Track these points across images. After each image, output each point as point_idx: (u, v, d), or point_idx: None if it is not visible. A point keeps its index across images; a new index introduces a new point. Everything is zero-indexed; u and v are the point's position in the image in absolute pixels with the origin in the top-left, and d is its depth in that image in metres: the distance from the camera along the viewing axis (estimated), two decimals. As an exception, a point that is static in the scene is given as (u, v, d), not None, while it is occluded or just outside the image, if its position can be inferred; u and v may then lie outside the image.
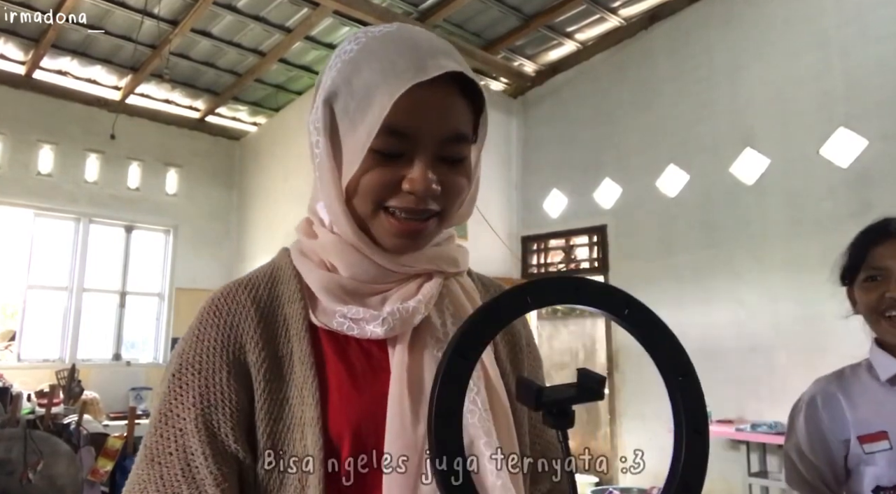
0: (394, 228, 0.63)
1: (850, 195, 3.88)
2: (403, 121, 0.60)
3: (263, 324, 0.65)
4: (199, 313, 0.67)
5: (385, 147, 0.60)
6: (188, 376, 0.62)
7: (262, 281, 0.69)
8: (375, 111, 0.59)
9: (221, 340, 0.64)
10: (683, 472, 0.54)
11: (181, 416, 0.61)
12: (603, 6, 4.97)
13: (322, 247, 0.68)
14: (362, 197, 0.63)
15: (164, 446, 0.60)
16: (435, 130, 0.61)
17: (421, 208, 0.63)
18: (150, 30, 4.69)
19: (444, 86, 0.61)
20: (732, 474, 3.92)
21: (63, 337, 5.46)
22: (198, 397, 0.61)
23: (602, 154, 5.22)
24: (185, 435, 0.60)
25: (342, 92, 0.63)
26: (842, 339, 3.77)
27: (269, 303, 0.67)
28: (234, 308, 0.65)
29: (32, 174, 5.36)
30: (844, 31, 4.05)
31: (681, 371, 0.56)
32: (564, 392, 0.56)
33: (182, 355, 0.64)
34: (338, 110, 0.64)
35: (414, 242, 0.66)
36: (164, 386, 0.64)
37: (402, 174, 0.61)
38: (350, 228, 0.64)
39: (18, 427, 3.47)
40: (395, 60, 0.60)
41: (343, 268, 0.66)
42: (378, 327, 0.63)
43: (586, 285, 0.57)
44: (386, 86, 0.59)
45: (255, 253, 6.07)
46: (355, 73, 0.62)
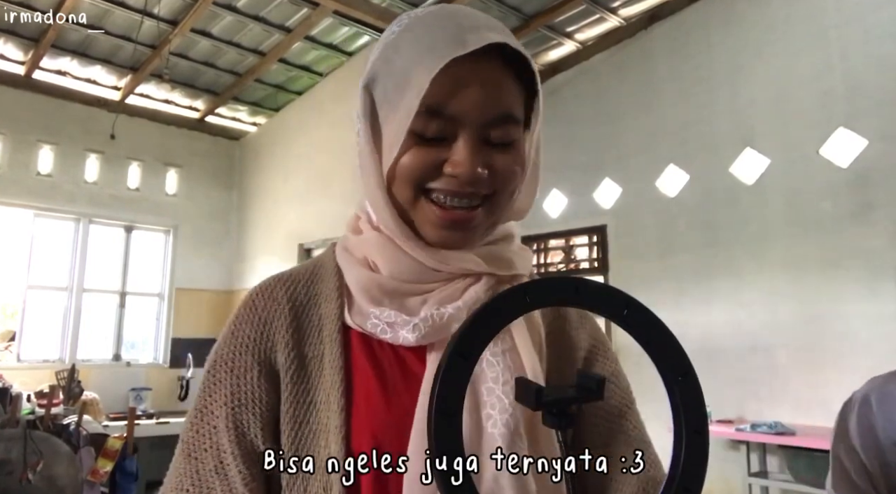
0: (436, 217, 0.59)
1: (850, 195, 3.88)
2: (444, 101, 0.56)
3: (296, 324, 0.63)
4: (238, 308, 0.66)
5: (425, 129, 0.57)
6: (221, 373, 0.62)
7: (302, 278, 0.67)
8: (413, 90, 0.55)
9: (254, 338, 0.62)
10: (683, 472, 0.54)
11: (214, 414, 0.60)
12: (603, 6, 4.97)
13: (365, 243, 0.64)
14: (401, 181, 0.59)
15: (200, 442, 0.60)
16: (479, 110, 0.57)
17: (466, 191, 0.58)
18: (149, 30, 4.69)
19: (490, 62, 0.57)
20: (732, 474, 3.92)
21: (63, 337, 5.46)
22: (229, 395, 0.61)
23: (602, 154, 5.22)
24: (217, 433, 0.59)
25: (381, 75, 0.60)
26: (842, 339, 3.78)
27: (306, 302, 0.65)
28: (270, 304, 0.64)
29: (32, 174, 5.36)
30: (844, 31, 4.05)
31: (680, 371, 0.56)
32: (564, 392, 0.56)
33: (217, 351, 0.64)
34: (377, 95, 0.61)
35: (460, 235, 0.61)
36: (202, 381, 0.64)
37: (444, 157, 0.57)
38: (391, 217, 0.60)
39: (18, 428, 3.47)
40: (435, 36, 0.57)
41: (383, 266, 0.62)
42: (410, 333, 0.60)
43: (586, 285, 0.57)
44: (424, 63, 0.55)
45: (255, 253, 6.06)
46: (395, 55, 0.59)
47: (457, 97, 0.56)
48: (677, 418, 0.55)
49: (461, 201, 0.59)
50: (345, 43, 5.21)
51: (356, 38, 5.15)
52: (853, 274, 3.80)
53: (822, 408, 3.82)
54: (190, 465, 0.59)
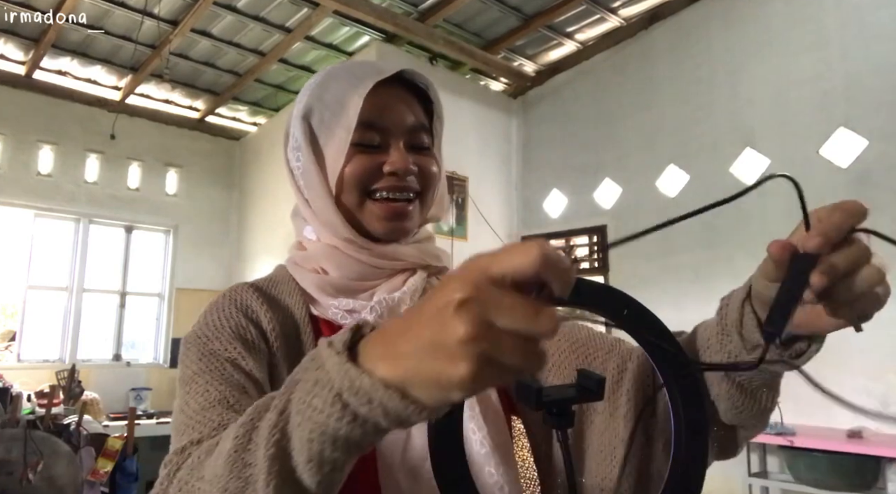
0: (381, 211, 0.71)
1: (850, 195, 3.85)
2: (375, 115, 0.70)
3: (271, 310, 0.70)
4: (209, 306, 0.71)
5: (363, 139, 0.70)
6: (220, 325, 0.67)
7: (263, 283, 0.75)
8: (350, 111, 0.69)
9: (241, 310, 0.69)
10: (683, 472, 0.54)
11: (225, 349, 0.64)
12: (603, 6, 4.97)
13: (313, 255, 0.75)
14: (349, 188, 0.71)
15: (216, 365, 0.62)
16: (402, 121, 0.71)
17: (403, 186, 0.71)
18: (150, 30, 4.69)
19: (402, 89, 0.73)
20: (732, 474, 3.92)
21: (63, 337, 5.46)
22: (235, 337, 0.65)
23: (602, 154, 5.22)
24: (235, 360, 0.63)
25: (316, 107, 0.73)
26: (842, 339, 3.77)
27: (273, 296, 0.73)
28: (244, 296, 0.71)
29: (32, 174, 5.35)
30: (844, 31, 4.05)
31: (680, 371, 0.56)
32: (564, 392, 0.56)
33: (206, 321, 0.68)
34: (315, 124, 0.73)
35: (401, 224, 0.72)
36: (191, 342, 0.67)
37: (382, 160, 0.70)
38: (340, 222, 0.71)
39: (18, 428, 3.47)
40: (357, 72, 0.72)
41: (332, 269, 0.72)
42: (368, 315, 0.69)
43: (586, 285, 0.57)
44: (354, 90, 0.69)
45: (255, 254, 6.06)
46: (325, 92, 0.73)
47: (384, 113, 0.71)
48: (677, 418, 0.55)
49: (401, 194, 0.71)
50: (345, 43, 5.21)
51: (356, 38, 5.15)
52: (853, 274, 3.80)
53: (822, 408, 3.82)
54: (211, 376, 0.61)
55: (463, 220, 5.16)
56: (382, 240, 0.73)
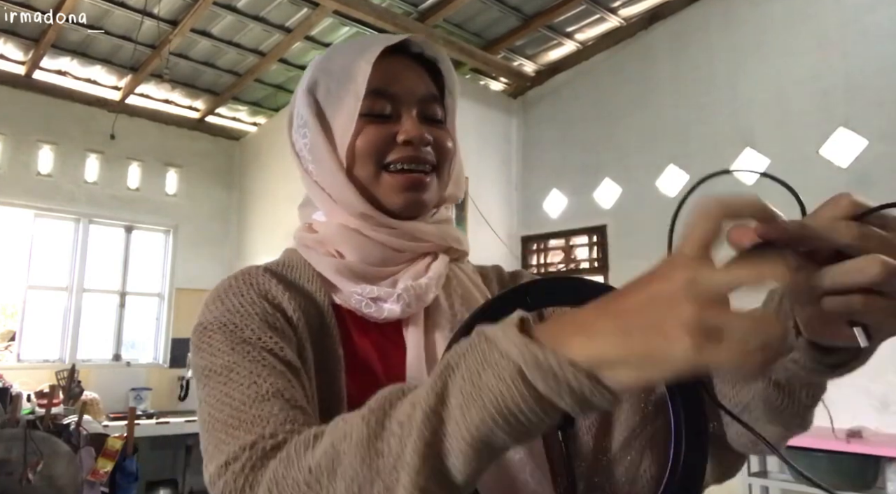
0: (398, 183, 0.67)
1: (850, 195, 3.88)
2: (385, 84, 0.67)
3: (291, 294, 0.64)
4: (222, 286, 0.64)
5: (373, 108, 0.66)
6: (245, 311, 0.60)
7: (277, 268, 0.69)
8: (358, 78, 0.65)
9: (263, 295, 0.63)
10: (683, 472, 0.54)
11: (256, 335, 0.58)
12: (603, 6, 4.97)
13: (326, 236, 0.69)
14: (362, 160, 0.67)
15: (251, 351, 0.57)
16: (414, 89, 0.69)
17: (419, 157, 0.67)
18: (150, 30, 4.69)
19: (411, 61, 0.70)
20: (732, 474, 3.92)
21: (63, 337, 5.46)
22: (264, 324, 0.59)
23: (602, 154, 5.22)
24: (268, 347, 0.57)
25: (321, 79, 0.70)
26: (842, 339, 3.77)
27: (291, 281, 0.67)
28: (262, 282, 0.64)
29: (32, 174, 5.35)
30: (844, 31, 4.05)
31: (680, 371, 0.56)
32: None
33: (224, 304, 0.62)
34: (321, 96, 0.70)
35: (419, 196, 0.68)
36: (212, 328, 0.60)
37: (395, 130, 0.66)
38: (354, 196, 0.66)
39: (18, 428, 3.47)
40: (363, 41, 0.70)
41: (350, 253, 0.67)
42: (395, 305, 0.64)
43: (586, 286, 0.57)
44: (362, 57, 0.66)
45: (255, 254, 6.06)
46: (331, 63, 0.70)
47: (394, 80, 0.67)
48: (677, 419, 0.55)
49: (418, 165, 0.67)
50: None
51: (356, 39, 5.16)
52: (853, 274, 3.80)
53: (822, 408, 3.82)
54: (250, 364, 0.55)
55: (463, 220, 5.16)
56: (401, 215, 0.68)
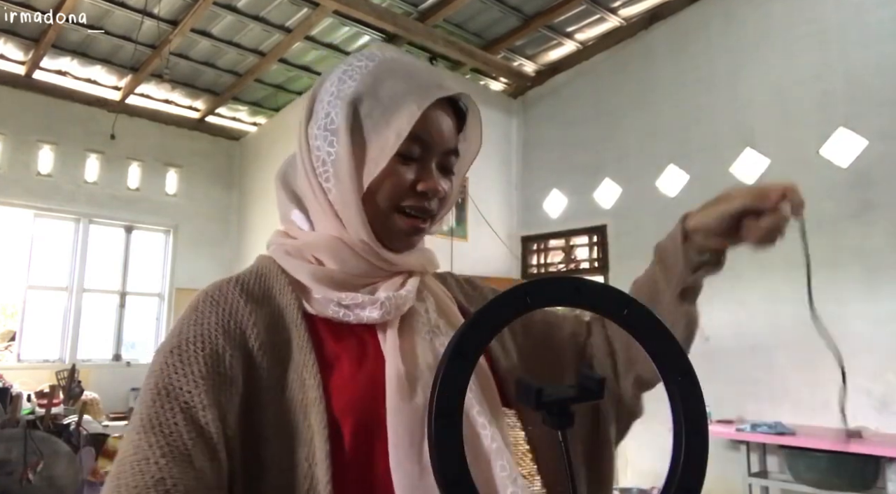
0: (404, 227, 0.70)
1: (850, 195, 3.88)
2: (422, 128, 0.68)
3: (258, 314, 0.66)
4: (192, 304, 0.66)
5: (407, 151, 0.68)
6: (191, 352, 0.61)
7: (249, 278, 0.70)
8: (404, 117, 0.67)
9: (222, 325, 0.64)
10: (683, 472, 0.54)
11: (185, 390, 0.59)
12: (603, 6, 4.97)
13: (308, 244, 0.72)
14: (381, 196, 0.69)
15: (168, 417, 0.57)
16: (443, 141, 0.71)
17: (428, 207, 0.71)
18: (150, 30, 4.69)
19: (445, 107, 0.71)
20: (732, 474, 3.92)
21: (63, 337, 5.46)
22: (204, 372, 0.60)
23: (602, 154, 5.22)
24: (192, 409, 0.58)
25: (367, 98, 0.69)
26: (842, 339, 3.77)
27: (262, 295, 0.68)
28: (230, 299, 0.66)
29: (32, 174, 5.36)
30: (844, 31, 4.05)
31: (680, 371, 0.56)
32: (564, 392, 0.56)
33: (181, 334, 0.63)
34: (362, 113, 0.69)
35: (415, 240, 0.74)
36: (159, 362, 0.62)
37: (416, 177, 0.69)
38: (362, 224, 0.69)
39: (18, 428, 3.47)
40: (415, 77, 0.70)
41: (334, 263, 0.70)
42: (375, 311, 0.67)
43: (586, 285, 0.57)
44: (413, 97, 0.67)
45: (255, 254, 5.98)
46: (378, 84, 0.70)
47: (431, 129, 0.69)
48: (677, 418, 0.55)
49: (423, 214, 0.71)
50: (345, 43, 5.21)
51: (356, 38, 5.15)
52: (853, 274, 3.80)
53: (822, 408, 3.82)
54: (157, 438, 0.56)
55: (463, 220, 5.16)
56: (391, 248, 0.72)
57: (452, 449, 0.51)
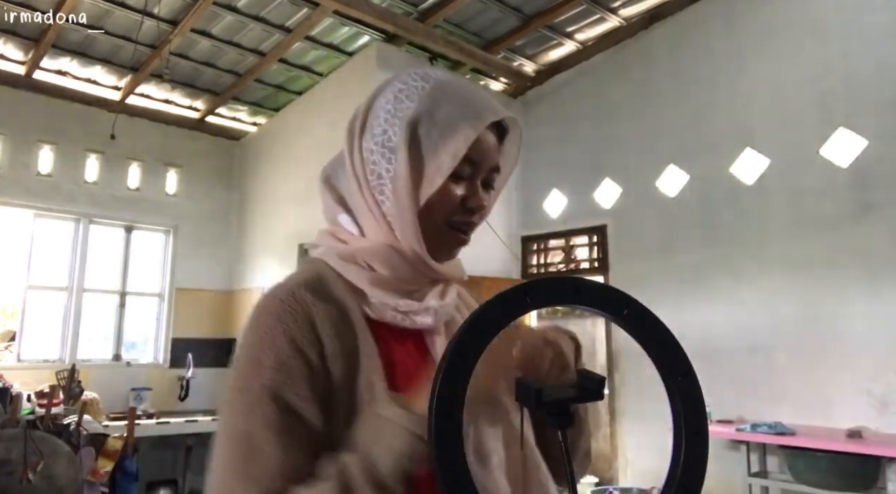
0: (452, 240, 0.77)
1: (850, 195, 3.88)
2: (474, 151, 0.73)
3: (328, 317, 0.71)
4: (268, 309, 0.70)
5: (460, 171, 0.73)
6: (290, 361, 0.67)
7: (312, 282, 0.74)
8: (460, 140, 0.72)
9: (304, 332, 0.69)
10: (683, 472, 0.54)
11: (293, 392, 0.66)
12: (603, 6, 4.97)
13: (361, 250, 0.76)
14: (438, 212, 0.75)
15: (286, 420, 0.65)
16: (489, 161, 0.77)
17: (473, 222, 0.77)
18: (150, 30, 4.69)
19: (490, 127, 0.76)
20: (732, 474, 3.92)
21: (63, 337, 5.46)
22: (306, 378, 0.67)
23: (602, 154, 5.22)
24: (301, 411, 0.66)
25: (425, 120, 0.74)
26: (842, 339, 3.78)
27: (327, 298, 0.73)
28: (304, 304, 0.71)
29: (32, 174, 5.36)
30: (844, 31, 4.05)
31: (680, 371, 0.57)
32: (564, 392, 0.57)
33: (274, 344, 0.68)
34: (421, 133, 0.74)
35: (457, 251, 0.81)
36: (266, 375, 0.67)
37: (466, 195, 0.75)
38: (417, 237, 0.74)
39: (18, 428, 3.47)
40: (470, 101, 0.75)
41: (385, 269, 0.75)
42: (428, 318, 0.75)
43: (586, 286, 0.57)
44: (468, 121, 0.73)
45: (255, 254, 6.07)
46: (436, 107, 0.74)
47: (481, 150, 0.75)
48: (677, 418, 0.55)
49: (469, 228, 0.78)
50: (345, 43, 5.21)
51: (356, 38, 5.15)
52: (853, 274, 3.80)
53: (822, 408, 3.82)
54: (279, 437, 0.64)
55: (463, 220, 5.16)
56: (437, 258, 0.77)
57: (453, 449, 0.51)
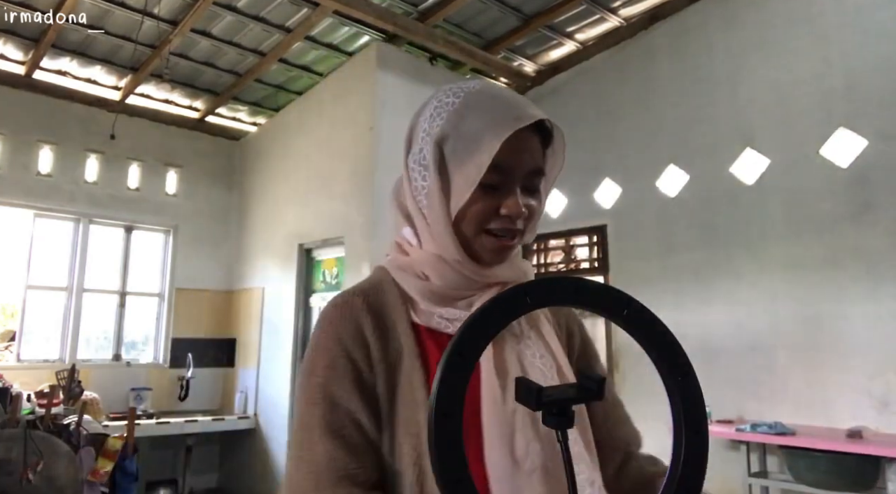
0: (493, 246, 0.80)
1: (850, 195, 3.88)
2: (502, 158, 0.75)
3: (378, 325, 0.79)
4: (328, 317, 0.80)
5: (488, 180, 0.76)
6: (340, 365, 0.76)
7: (370, 290, 0.83)
8: (484, 151, 0.74)
9: (352, 333, 0.78)
10: (683, 472, 0.54)
11: (345, 398, 0.75)
12: (603, 6, 4.97)
13: (417, 261, 0.83)
14: (470, 222, 0.78)
15: (344, 422, 0.73)
16: (524, 166, 0.78)
17: (513, 228, 0.79)
18: (150, 30, 4.69)
19: (528, 130, 0.77)
20: (732, 474, 3.92)
21: (63, 337, 5.45)
22: (355, 382, 0.75)
23: (602, 154, 5.22)
24: (354, 414, 0.74)
25: (451, 136, 0.78)
26: (842, 339, 3.78)
27: (380, 307, 0.81)
28: (355, 312, 0.79)
29: (32, 174, 5.35)
30: (844, 31, 4.05)
31: (680, 371, 0.57)
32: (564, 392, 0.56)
33: (329, 350, 0.77)
34: (447, 151, 0.78)
35: (504, 256, 0.82)
36: (318, 379, 0.76)
37: (499, 202, 0.77)
38: (455, 247, 0.79)
39: (18, 428, 3.47)
40: (496, 110, 0.77)
41: (436, 278, 0.81)
42: None
43: (586, 285, 0.57)
44: (492, 130, 0.74)
45: (255, 253, 6.06)
46: (461, 121, 0.78)
47: (511, 158, 0.76)
48: (677, 418, 0.55)
49: (510, 233, 0.80)
50: (345, 43, 5.21)
51: (356, 38, 5.15)
52: (853, 274, 3.80)
53: (822, 408, 3.82)
54: (336, 440, 0.72)
55: (463, 220, 5.16)
56: (484, 264, 0.82)
57: (453, 449, 0.51)
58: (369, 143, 4.78)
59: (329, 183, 5.18)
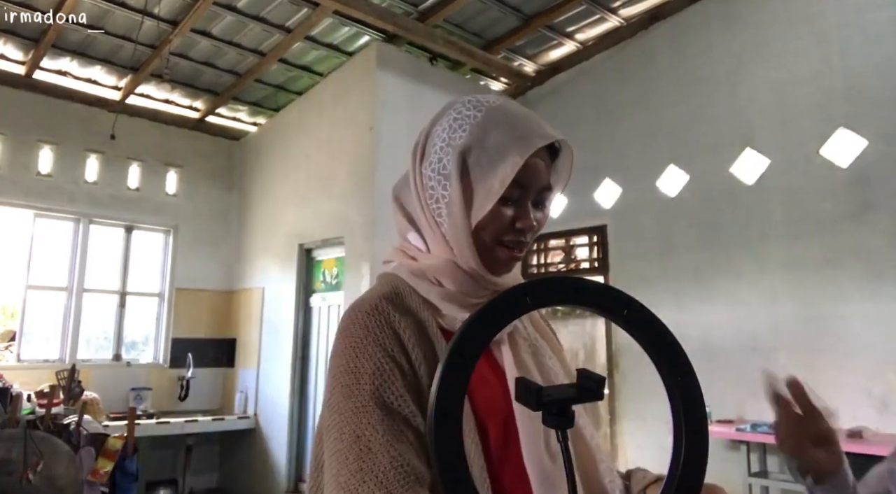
0: (504, 257, 0.83)
1: (850, 195, 3.88)
2: (522, 174, 0.78)
3: (412, 329, 0.79)
4: (353, 320, 0.79)
5: (508, 194, 0.79)
6: (387, 372, 0.75)
7: (394, 296, 0.83)
8: (508, 166, 0.77)
9: (394, 341, 0.77)
10: (683, 472, 0.54)
11: (398, 404, 0.74)
12: (603, 6, 4.97)
13: (429, 267, 0.84)
14: (486, 232, 0.81)
15: (399, 428, 0.72)
16: (538, 182, 0.82)
17: (524, 241, 0.83)
18: (150, 30, 4.69)
19: (543, 148, 0.81)
20: (732, 474, 3.92)
21: (63, 337, 5.45)
22: (406, 386, 0.75)
23: (602, 154, 5.22)
24: (407, 418, 0.73)
25: (475, 148, 0.80)
26: (842, 339, 3.78)
27: (407, 312, 0.81)
28: (389, 317, 0.79)
29: (32, 174, 5.35)
30: (844, 31, 4.05)
31: (680, 371, 0.57)
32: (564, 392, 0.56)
33: (372, 356, 0.76)
34: (471, 162, 0.80)
35: (511, 267, 0.86)
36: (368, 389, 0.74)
37: (514, 215, 0.81)
38: (472, 256, 0.81)
39: (18, 428, 3.47)
40: (518, 128, 0.80)
41: (451, 284, 0.83)
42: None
43: (585, 286, 0.57)
44: (516, 146, 0.78)
45: (255, 253, 6.06)
46: (485, 134, 0.80)
47: (530, 174, 0.80)
48: (677, 418, 0.55)
49: (520, 246, 0.83)
50: (345, 43, 5.21)
51: (356, 38, 5.15)
52: (853, 274, 3.80)
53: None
54: (395, 443, 0.70)
55: (463, 220, 5.16)
56: (494, 273, 0.85)
57: (453, 449, 0.51)
58: (369, 143, 4.78)
59: (329, 183, 5.18)
